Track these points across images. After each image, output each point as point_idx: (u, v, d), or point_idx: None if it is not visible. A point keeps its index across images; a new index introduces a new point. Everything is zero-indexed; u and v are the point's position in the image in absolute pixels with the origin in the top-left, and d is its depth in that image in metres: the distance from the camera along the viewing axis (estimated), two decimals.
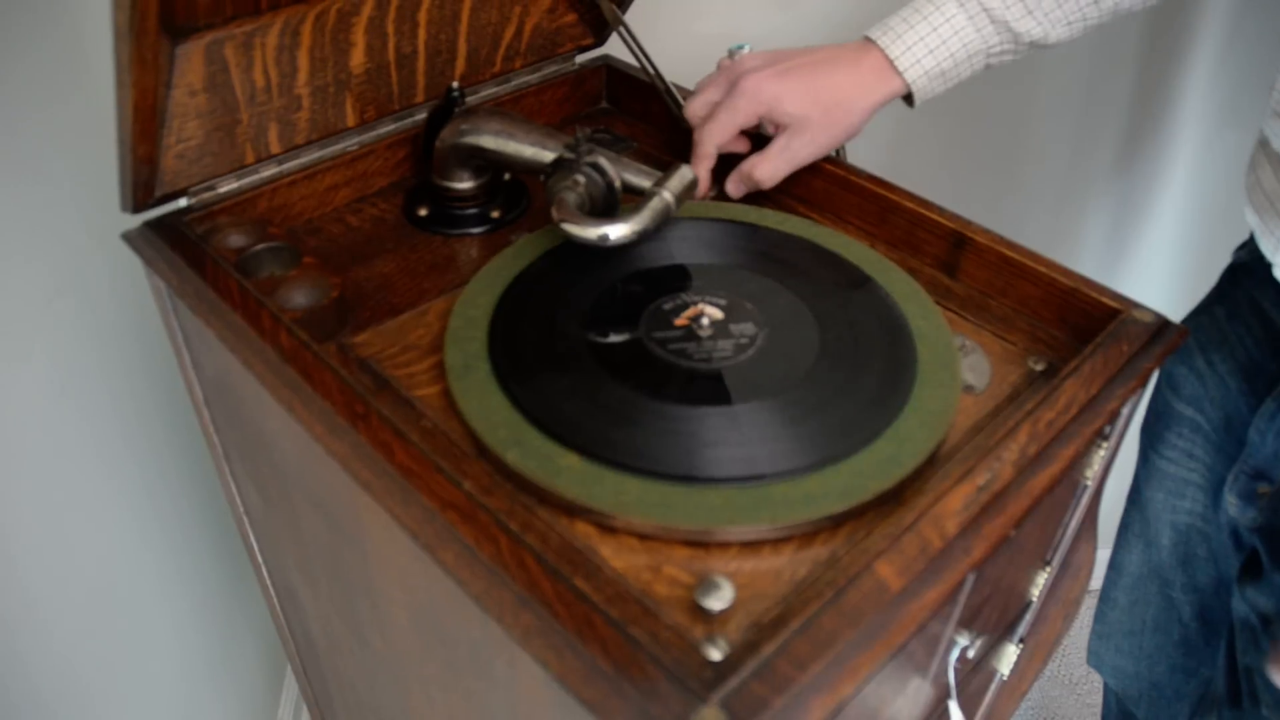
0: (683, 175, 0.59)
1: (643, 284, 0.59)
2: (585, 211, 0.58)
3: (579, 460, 0.47)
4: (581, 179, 0.58)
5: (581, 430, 0.49)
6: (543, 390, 0.51)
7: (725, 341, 0.55)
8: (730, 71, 0.68)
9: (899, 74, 0.65)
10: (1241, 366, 0.75)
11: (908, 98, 0.68)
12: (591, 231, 0.56)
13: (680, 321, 0.56)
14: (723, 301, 0.57)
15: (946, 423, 0.50)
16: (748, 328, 0.55)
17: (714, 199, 0.70)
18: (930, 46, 0.65)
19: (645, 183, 0.60)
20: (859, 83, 0.66)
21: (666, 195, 0.58)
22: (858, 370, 0.53)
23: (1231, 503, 0.74)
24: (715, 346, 0.55)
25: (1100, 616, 0.98)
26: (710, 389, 0.52)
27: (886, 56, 0.65)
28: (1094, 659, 1.00)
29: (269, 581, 0.83)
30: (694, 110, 0.70)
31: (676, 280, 0.59)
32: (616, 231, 0.56)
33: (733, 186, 0.69)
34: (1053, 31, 0.66)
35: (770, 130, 0.68)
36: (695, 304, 0.57)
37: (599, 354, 0.54)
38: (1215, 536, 0.82)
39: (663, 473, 0.47)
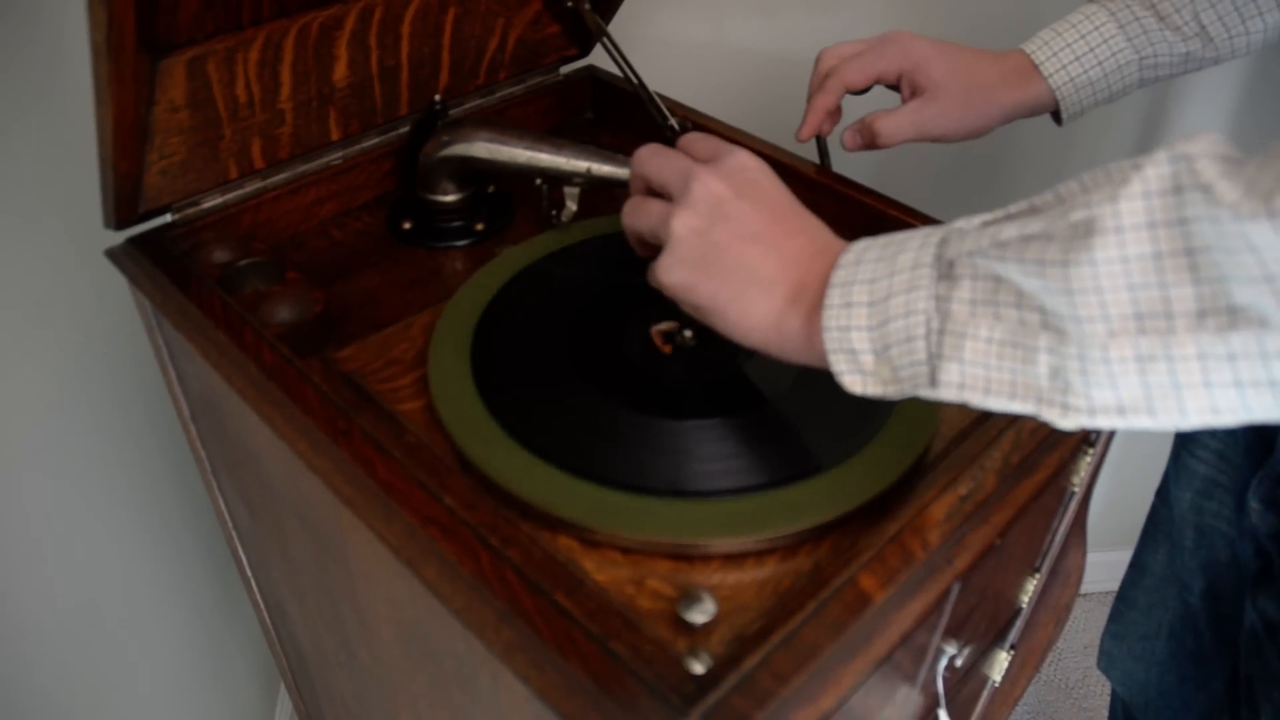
0: None
1: (628, 297, 0.59)
2: None
3: (562, 474, 0.47)
4: None
5: (564, 444, 0.49)
6: (526, 404, 0.51)
7: (707, 354, 0.55)
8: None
9: (1043, 78, 0.65)
10: None
11: (1056, 114, 0.67)
12: None
13: (663, 334, 0.56)
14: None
15: (930, 431, 0.50)
16: (729, 340, 0.55)
17: (820, 164, 0.70)
18: (1077, 53, 0.64)
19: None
20: (1001, 77, 0.65)
21: None
22: None
23: (1254, 508, 0.73)
24: (698, 359, 0.55)
25: (1116, 616, 0.96)
26: (692, 402, 0.52)
27: (1031, 60, 0.65)
28: (1105, 660, 0.98)
29: (259, 596, 0.82)
30: (831, 53, 0.68)
31: (659, 293, 0.59)
32: None
33: (850, 137, 0.67)
34: (1217, 37, 0.64)
35: (905, 94, 0.67)
36: (674, 318, 0.56)
37: (582, 367, 0.54)
38: (1239, 542, 0.81)
39: (645, 486, 0.47)
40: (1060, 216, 0.34)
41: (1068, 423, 0.36)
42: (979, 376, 0.37)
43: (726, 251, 0.44)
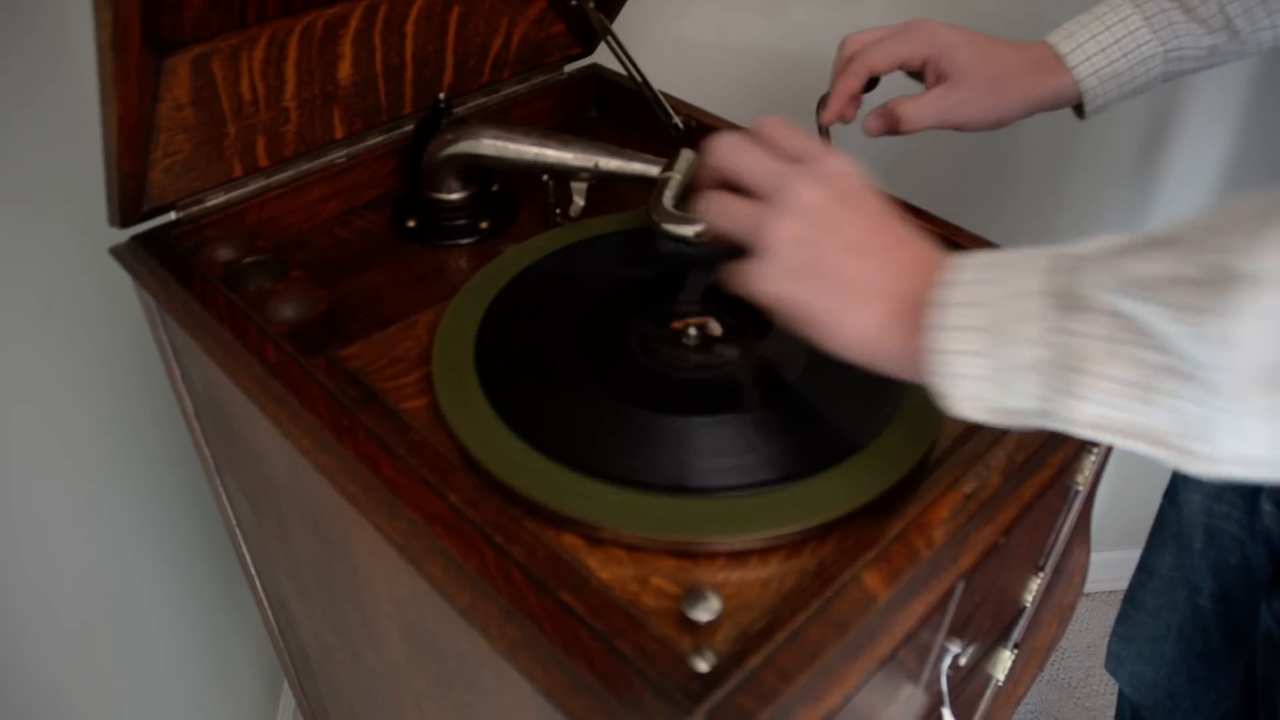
0: (687, 158, 0.60)
1: (631, 295, 0.59)
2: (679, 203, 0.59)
3: (566, 471, 0.47)
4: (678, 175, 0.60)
5: (568, 441, 0.49)
6: (530, 402, 0.51)
7: (712, 351, 0.55)
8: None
9: (1067, 70, 0.65)
10: None
11: (1079, 109, 0.67)
12: (688, 229, 0.57)
13: (671, 330, 0.56)
14: (710, 311, 0.57)
15: (935, 430, 0.50)
16: (735, 337, 0.55)
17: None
18: (1101, 45, 0.64)
19: (652, 169, 0.62)
20: (1026, 68, 0.65)
21: (678, 178, 0.59)
22: (845, 378, 0.53)
23: (1266, 511, 0.73)
24: (702, 356, 0.55)
25: (1124, 618, 0.96)
26: (697, 399, 0.52)
27: (1055, 51, 0.65)
28: (1113, 663, 0.98)
29: (263, 594, 0.82)
30: (855, 39, 0.66)
31: (663, 291, 0.59)
32: (696, 229, 0.57)
33: (873, 121, 0.67)
34: (1242, 30, 0.63)
35: (929, 81, 0.66)
36: (683, 315, 0.56)
37: (586, 364, 0.54)
38: (1250, 545, 0.80)
39: (650, 483, 0.47)
40: (1191, 257, 0.33)
41: (1187, 467, 0.35)
42: (1097, 415, 0.36)
43: (828, 262, 0.42)
